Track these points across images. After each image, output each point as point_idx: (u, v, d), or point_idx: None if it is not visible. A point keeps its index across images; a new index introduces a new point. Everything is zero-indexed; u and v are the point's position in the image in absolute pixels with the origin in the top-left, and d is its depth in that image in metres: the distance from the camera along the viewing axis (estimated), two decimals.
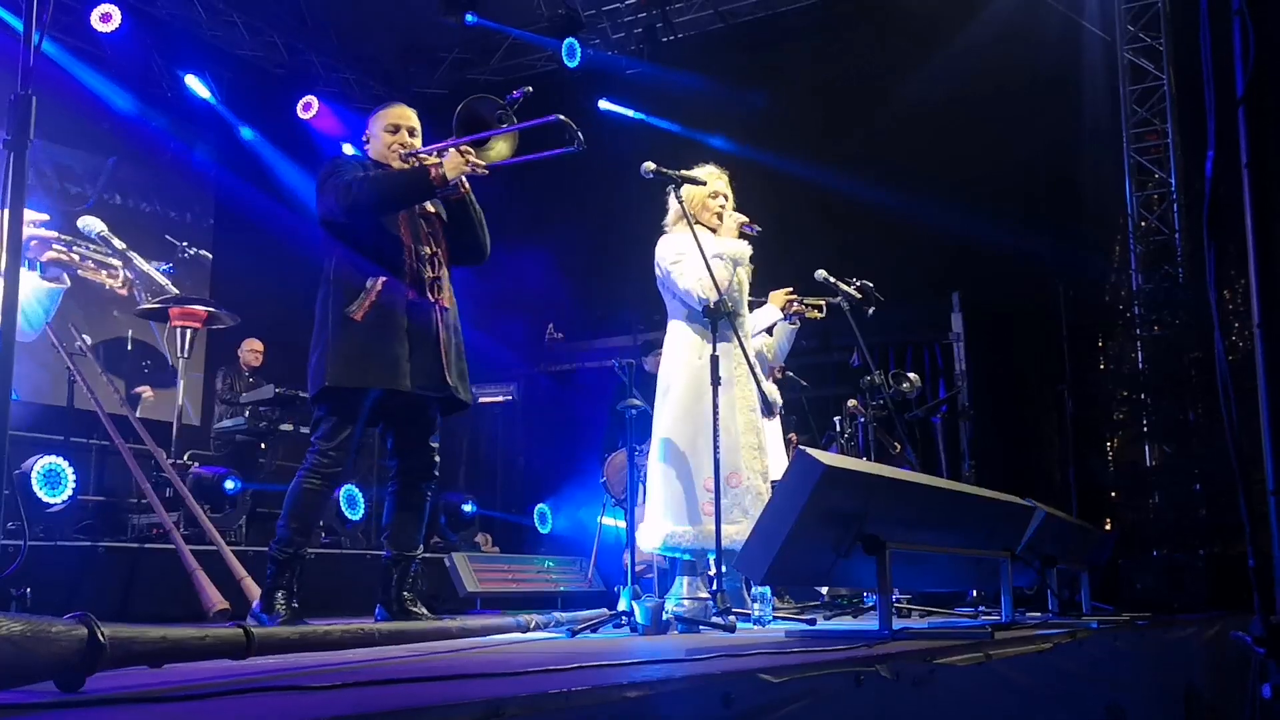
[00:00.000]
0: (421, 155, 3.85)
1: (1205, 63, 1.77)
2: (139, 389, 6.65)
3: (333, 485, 3.73)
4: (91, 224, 4.10)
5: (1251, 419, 1.79)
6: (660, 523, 4.31)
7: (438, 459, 3.95)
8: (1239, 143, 1.73)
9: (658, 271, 4.55)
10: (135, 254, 4.07)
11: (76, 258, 2.96)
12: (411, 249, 3.80)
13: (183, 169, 9.30)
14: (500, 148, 3.81)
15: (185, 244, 5.70)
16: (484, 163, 3.71)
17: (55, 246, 2.89)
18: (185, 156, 9.17)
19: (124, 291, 3.13)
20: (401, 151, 3.87)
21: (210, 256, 5.90)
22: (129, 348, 6.46)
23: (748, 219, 4.73)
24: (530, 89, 3.88)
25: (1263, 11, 1.69)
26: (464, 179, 3.74)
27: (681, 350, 4.44)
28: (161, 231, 8.69)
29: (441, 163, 3.68)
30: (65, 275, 2.94)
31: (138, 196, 8.98)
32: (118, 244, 4.04)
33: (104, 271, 3.02)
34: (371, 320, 3.66)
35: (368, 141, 3.99)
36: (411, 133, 3.95)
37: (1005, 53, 8.31)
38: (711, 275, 4.06)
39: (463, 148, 3.70)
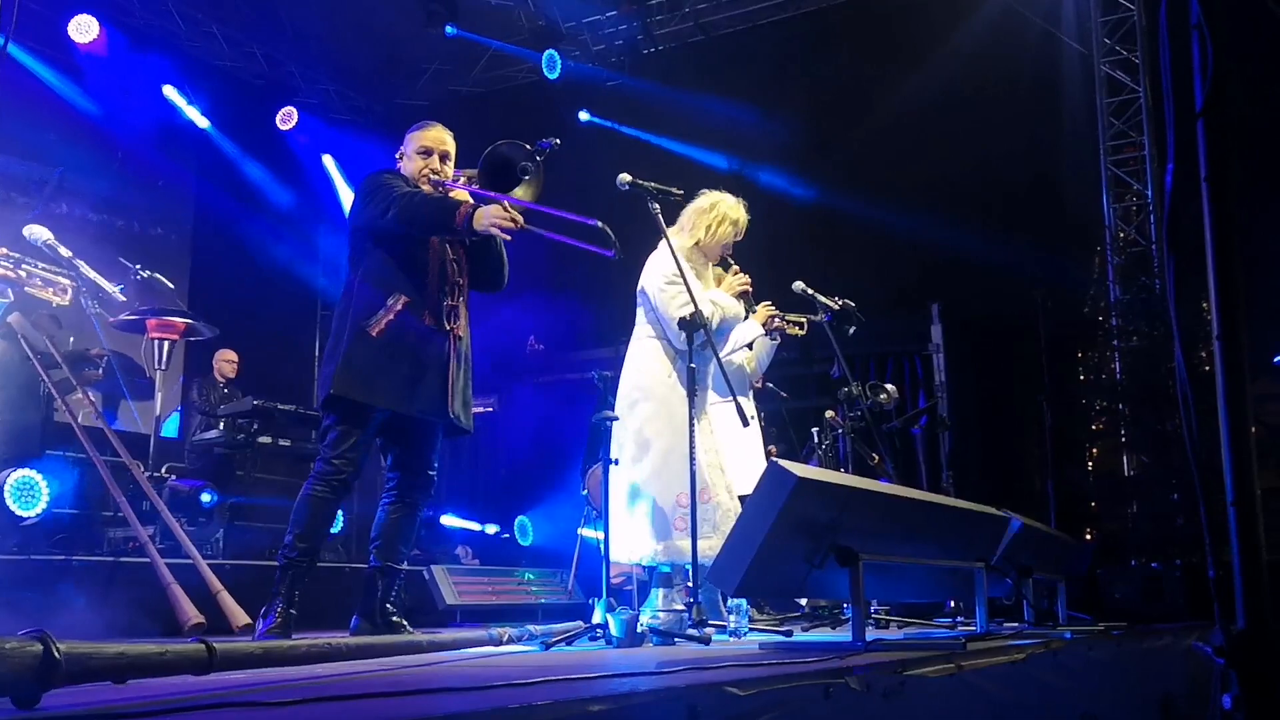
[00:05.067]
0: (450, 188, 3.83)
1: (1165, 77, 1.79)
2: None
3: (340, 494, 3.71)
4: (37, 233, 4.04)
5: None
6: (634, 537, 4.34)
7: (435, 478, 3.97)
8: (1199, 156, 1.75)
9: (645, 283, 4.56)
10: (82, 262, 4.04)
11: (24, 274, 2.97)
12: (436, 274, 3.81)
13: (159, 181, 9.23)
14: (522, 192, 3.79)
15: (138, 266, 5.59)
16: (520, 221, 3.64)
17: (2, 264, 2.93)
18: (161, 168, 9.12)
19: (66, 303, 3.12)
20: (431, 178, 3.85)
21: (172, 286, 5.78)
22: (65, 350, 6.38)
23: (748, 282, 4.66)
24: (558, 141, 3.84)
25: (1221, 26, 1.70)
26: (498, 230, 3.61)
27: (653, 365, 4.47)
28: (134, 244, 8.65)
29: (474, 204, 3.65)
30: (9, 290, 2.98)
31: (102, 209, 8.88)
32: (64, 252, 3.99)
33: (51, 289, 3.04)
34: (387, 338, 3.67)
35: (401, 158, 3.95)
36: (444, 158, 3.91)
37: (984, 66, 8.38)
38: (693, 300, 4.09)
39: (506, 204, 3.66)
